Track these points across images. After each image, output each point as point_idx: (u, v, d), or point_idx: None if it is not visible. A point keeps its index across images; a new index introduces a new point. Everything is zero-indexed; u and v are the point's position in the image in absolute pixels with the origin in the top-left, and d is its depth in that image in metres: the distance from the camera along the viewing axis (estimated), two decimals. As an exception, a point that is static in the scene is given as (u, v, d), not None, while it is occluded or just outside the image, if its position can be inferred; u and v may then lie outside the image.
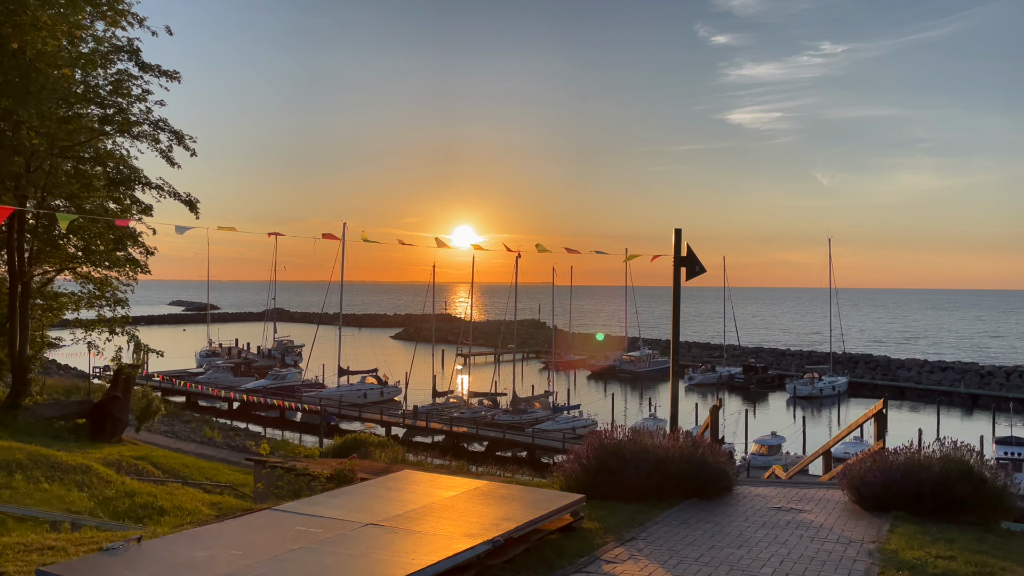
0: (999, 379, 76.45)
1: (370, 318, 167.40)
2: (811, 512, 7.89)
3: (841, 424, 61.22)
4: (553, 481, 8.98)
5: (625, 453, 8.43)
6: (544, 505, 6.39)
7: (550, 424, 50.41)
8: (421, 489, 6.87)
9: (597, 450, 8.59)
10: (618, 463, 8.35)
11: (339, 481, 10.94)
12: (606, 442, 8.64)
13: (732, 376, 79.95)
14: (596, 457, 8.53)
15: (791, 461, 44.55)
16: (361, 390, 63.49)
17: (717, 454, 8.78)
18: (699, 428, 11.20)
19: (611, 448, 8.54)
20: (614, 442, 8.65)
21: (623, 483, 8.26)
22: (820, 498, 8.70)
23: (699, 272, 9.45)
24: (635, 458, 8.35)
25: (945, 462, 7.83)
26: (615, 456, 8.42)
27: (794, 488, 9.40)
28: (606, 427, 34.32)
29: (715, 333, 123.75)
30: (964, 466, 7.76)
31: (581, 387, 78.95)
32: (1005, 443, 40.76)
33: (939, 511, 7.64)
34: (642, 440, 8.72)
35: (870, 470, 7.93)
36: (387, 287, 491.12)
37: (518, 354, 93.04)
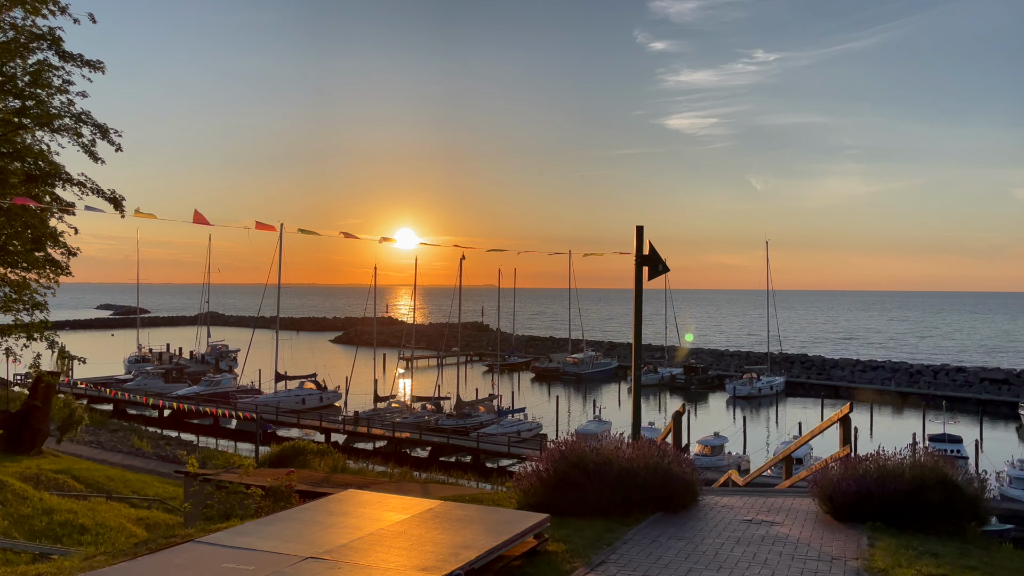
0: (927, 377, 79.13)
1: (309, 321, 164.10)
2: (784, 524, 7.47)
3: (779, 423, 62.34)
4: (510, 496, 8.36)
5: (588, 464, 7.88)
6: (506, 528, 5.77)
7: (495, 428, 49.82)
8: (367, 512, 6.17)
9: (558, 462, 8.01)
10: (580, 476, 7.79)
11: (275, 498, 10.11)
12: (567, 453, 8.08)
13: (673, 377, 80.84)
14: (556, 470, 7.95)
15: (733, 461, 44.96)
16: (299, 396, 61.78)
17: (683, 464, 8.31)
18: (660, 434, 10.75)
19: (573, 459, 7.98)
20: (576, 453, 8.09)
21: (586, 497, 7.71)
22: (789, 508, 8.31)
23: (662, 271, 8.99)
24: (598, 470, 7.81)
25: (918, 469, 7.51)
26: (577, 468, 7.86)
27: (760, 497, 9.00)
28: (567, 436, 33.63)
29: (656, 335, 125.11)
30: (938, 473, 7.45)
31: (526, 390, 78.60)
32: (938, 440, 41.94)
33: (913, 520, 7.31)
34: (605, 450, 8.18)
35: (844, 479, 7.56)
36: (327, 290, 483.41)
37: (462, 357, 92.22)
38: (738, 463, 45.06)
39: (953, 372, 79.50)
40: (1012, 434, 59.56)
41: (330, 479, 21.57)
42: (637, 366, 9.12)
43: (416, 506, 6.43)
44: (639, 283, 9.07)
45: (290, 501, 10.00)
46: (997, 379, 75.86)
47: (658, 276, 9.01)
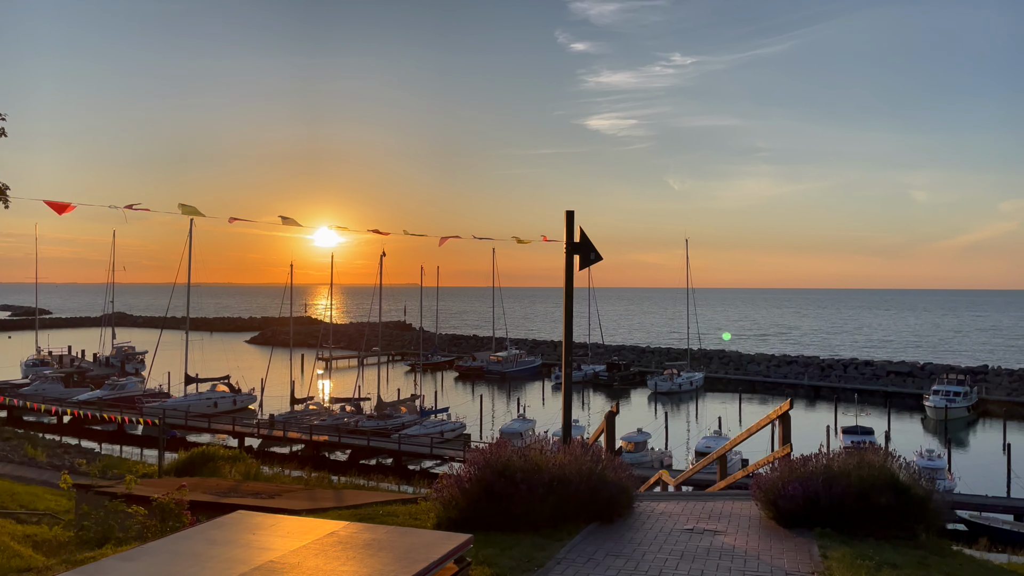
0: (838, 371, 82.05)
1: (223, 322, 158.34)
2: (728, 533, 6.87)
3: (699, 418, 63.35)
4: (428, 510, 7.49)
5: (515, 473, 7.09)
6: (422, 554, 4.92)
7: (417, 429, 48.66)
8: (257, 540, 5.20)
9: (481, 470, 7.20)
10: (507, 485, 7.00)
11: (162, 516, 8.94)
12: (492, 460, 7.27)
13: (596, 374, 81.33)
14: (480, 479, 7.14)
15: (656, 457, 45.21)
16: (211, 399, 59.06)
17: (617, 468, 7.62)
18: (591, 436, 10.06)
19: (498, 467, 7.18)
20: (501, 459, 7.29)
21: (513, 510, 6.92)
22: (730, 513, 7.73)
23: (594, 260, 8.30)
24: (527, 478, 7.03)
25: (865, 469, 7.03)
26: (503, 477, 7.07)
27: (698, 501, 8.41)
28: (492, 437, 32.44)
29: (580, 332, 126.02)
30: (886, 474, 6.99)
31: (449, 389, 77.55)
32: (851, 432, 43.13)
33: (862, 524, 6.83)
34: (534, 456, 7.42)
35: (789, 482, 7.01)
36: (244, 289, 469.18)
37: (383, 357, 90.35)
38: (661, 459, 45.34)
39: (862, 366, 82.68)
40: (917, 425, 62.17)
41: (239, 488, 20.15)
42: (568, 362, 8.39)
43: (316, 529, 5.50)
44: (569, 272, 8.36)
45: (180, 519, 8.87)
46: (902, 372, 79.27)
47: (590, 265, 8.32)
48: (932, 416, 62.12)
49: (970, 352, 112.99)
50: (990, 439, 56.32)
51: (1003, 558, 23.18)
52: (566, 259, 8.29)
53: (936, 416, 61.45)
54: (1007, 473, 40.71)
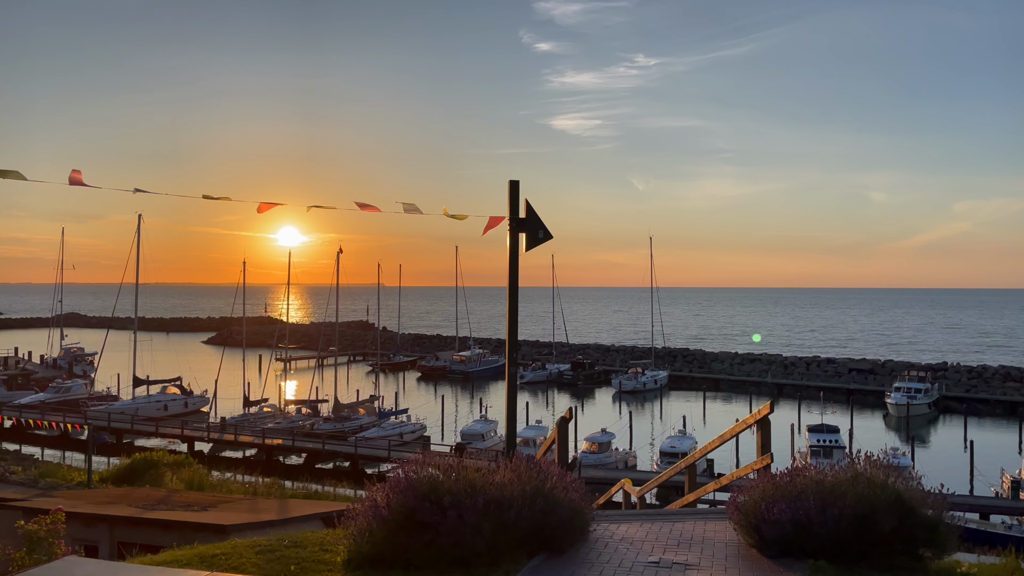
0: (800, 369, 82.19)
1: (180, 322, 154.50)
2: (700, 567, 5.67)
3: (663, 417, 62.67)
4: (338, 543, 6.15)
5: (443, 495, 5.81)
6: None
7: (375, 431, 47.09)
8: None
9: (403, 493, 5.90)
10: (434, 512, 5.70)
11: (30, 547, 7.49)
12: (416, 481, 5.97)
13: (561, 373, 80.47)
14: (401, 504, 5.83)
15: (620, 458, 44.24)
16: (161, 401, 56.77)
17: (570, 487, 6.36)
18: (541, 447, 8.79)
19: (423, 490, 5.88)
20: (428, 480, 5.99)
21: (441, 541, 5.64)
22: (703, 539, 6.54)
23: (543, 238, 7.06)
24: (458, 502, 5.74)
25: (864, 486, 5.88)
26: (429, 502, 5.77)
27: (664, 522, 7.20)
28: (456, 440, 30.43)
29: (544, 331, 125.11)
30: (889, 492, 5.85)
31: (411, 389, 75.96)
32: (817, 431, 42.62)
33: (860, 554, 5.68)
34: (468, 474, 6.13)
35: (775, 503, 5.82)
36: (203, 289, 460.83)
37: (343, 357, 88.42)
38: (625, 459, 44.39)
39: (824, 364, 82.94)
40: (879, 422, 62.28)
41: (171, 498, 18.49)
42: (512, 359, 7.10)
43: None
44: (514, 254, 7.09)
45: (51, 551, 7.42)
46: (864, 369, 79.64)
47: (538, 244, 7.08)
48: (894, 413, 62.27)
49: (929, 350, 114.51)
50: (951, 436, 56.54)
51: (972, 558, 22.61)
52: (510, 238, 7.04)
53: (898, 413, 61.59)
54: (970, 471, 40.54)
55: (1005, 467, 40.93)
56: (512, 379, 7.16)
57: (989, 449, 46.55)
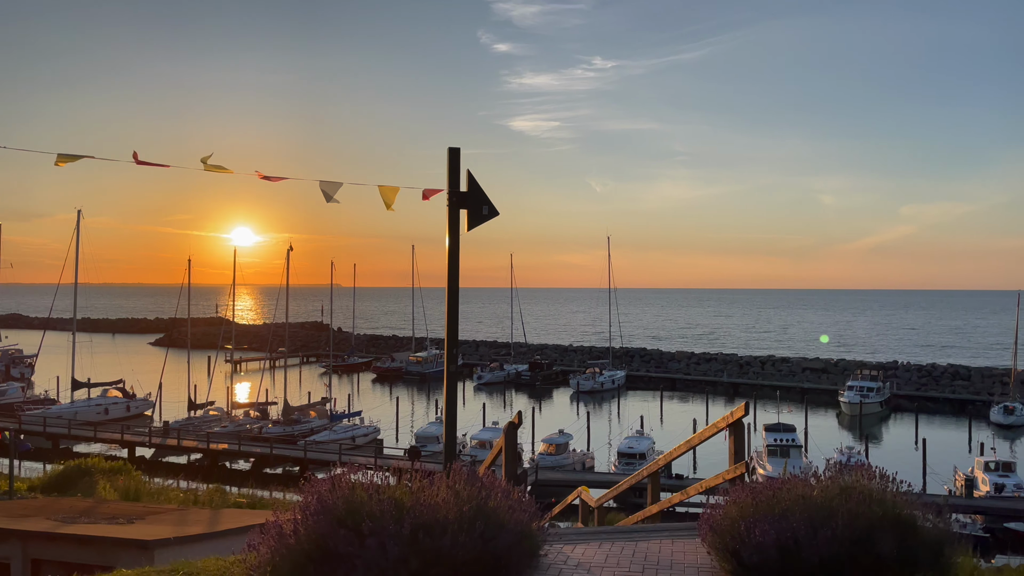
0: (755, 368, 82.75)
1: (126, 323, 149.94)
2: (671, 602, 4.78)
3: (621, 417, 62.29)
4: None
5: (362, 519, 4.81)
6: None
7: (326, 435, 45.66)
8: None
9: (315, 517, 4.88)
10: (350, 540, 4.70)
11: None
12: (331, 502, 4.96)
13: (519, 373, 79.76)
14: (312, 531, 4.82)
15: (578, 459, 43.53)
16: (102, 405, 54.44)
17: (517, 505, 5.41)
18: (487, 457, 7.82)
19: (339, 513, 4.87)
20: (347, 502, 4.98)
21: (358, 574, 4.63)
22: (670, 562, 5.65)
23: (488, 215, 6.07)
24: (380, 528, 4.75)
25: (855, 503, 5.04)
26: (345, 527, 4.77)
27: (626, 541, 6.30)
28: (411, 442, 28.95)
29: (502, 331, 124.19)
30: (887, 509, 5.02)
31: (366, 391, 74.44)
32: (774, 430, 42.46)
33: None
34: (395, 493, 5.14)
35: (756, 522, 4.95)
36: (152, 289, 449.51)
37: (295, 359, 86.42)
38: (583, 460, 43.72)
39: (779, 362, 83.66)
40: (833, 420, 62.80)
41: (95, 510, 17.03)
42: (451, 358, 6.09)
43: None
44: (454, 233, 6.09)
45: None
46: (817, 368, 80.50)
47: (483, 221, 6.10)
48: (847, 411, 62.87)
49: (880, 349, 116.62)
50: (903, 434, 57.20)
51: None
52: (449, 215, 6.02)
53: (851, 411, 62.19)
54: (923, 469, 40.74)
55: (957, 465, 41.31)
56: (451, 379, 6.18)
57: (940, 447, 47.07)
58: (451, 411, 6.27)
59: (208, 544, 13.27)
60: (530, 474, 36.96)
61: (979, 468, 38.22)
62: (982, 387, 70.11)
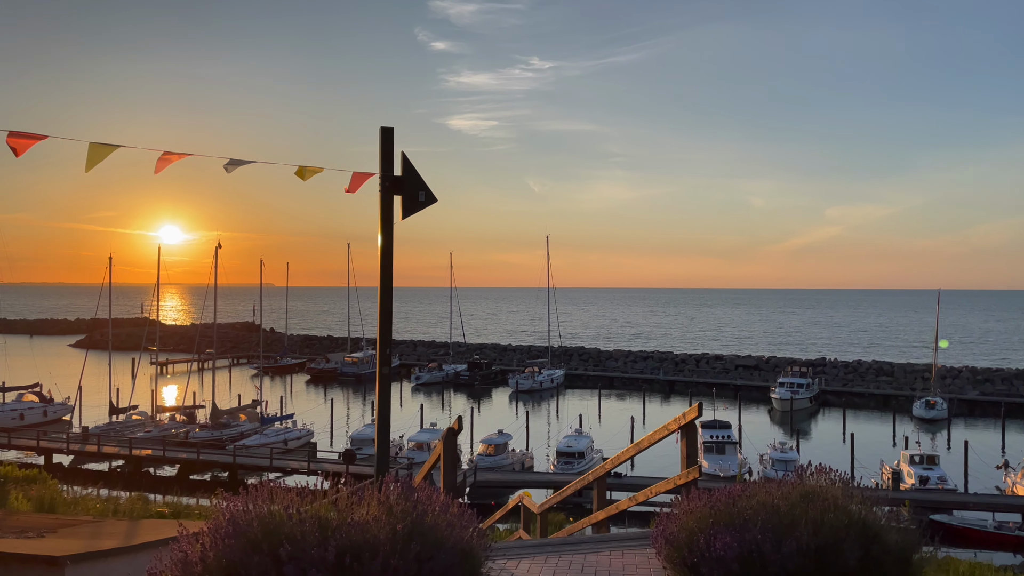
0: (690, 366, 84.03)
1: (45, 324, 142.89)
2: (627, 625, 4.35)
3: (560, 416, 62.29)
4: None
5: (280, 543, 4.22)
6: None
7: (257, 438, 44.14)
8: None
9: (225, 541, 4.27)
10: (265, 567, 4.12)
11: None
12: (244, 524, 4.35)
13: (458, 374, 79.09)
14: (222, 557, 4.21)
15: (517, 459, 43.18)
16: (17, 410, 51.61)
17: (456, 522, 4.89)
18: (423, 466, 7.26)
19: (254, 535, 4.28)
20: (262, 520, 4.39)
21: (275, 607, 4.05)
22: (621, 574, 5.23)
23: (426, 202, 5.51)
24: (300, 553, 4.18)
25: (818, 510, 4.71)
26: (260, 553, 4.18)
27: (573, 554, 5.87)
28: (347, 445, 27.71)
29: (441, 331, 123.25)
30: (852, 516, 4.71)
31: (299, 393, 72.58)
32: (710, 427, 42.91)
33: (820, 595, 4.51)
34: (319, 511, 4.56)
35: (717, 534, 4.56)
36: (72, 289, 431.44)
37: (224, 360, 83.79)
38: (522, 460, 43.41)
39: (712, 360, 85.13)
40: (765, 416, 64.11)
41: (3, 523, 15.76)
42: (384, 359, 5.51)
43: None
44: (387, 221, 5.50)
45: None
46: (749, 366, 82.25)
47: (419, 209, 5.54)
48: (778, 407, 64.28)
49: (809, 346, 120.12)
50: (832, 429, 58.75)
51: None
52: (381, 201, 5.43)
53: (782, 407, 63.61)
54: (851, 462, 41.76)
55: (884, 458, 42.54)
56: (385, 381, 5.62)
57: (867, 441, 48.37)
58: (384, 417, 5.71)
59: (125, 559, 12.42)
60: (469, 476, 36.42)
61: (904, 462, 39.38)
62: (905, 382, 72.72)
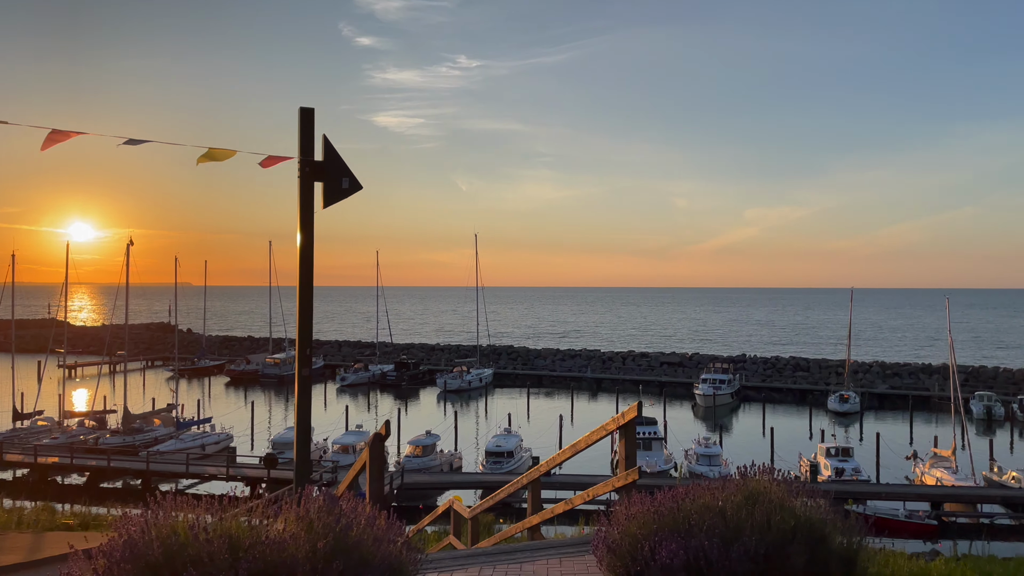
0: (617, 364, 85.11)
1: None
2: (569, 642, 4.07)
3: (489, 415, 62.07)
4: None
5: (184, 567, 3.76)
6: None
7: (172, 444, 42.29)
8: None
9: (122, 566, 3.79)
10: (167, 595, 3.65)
11: None
12: (140, 541, 3.88)
13: (384, 374, 77.92)
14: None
15: (445, 460, 42.67)
16: (-94, 419, 47.92)
17: (386, 533, 4.51)
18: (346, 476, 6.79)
19: (155, 557, 3.81)
20: (165, 541, 3.92)
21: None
22: (561, 587, 4.95)
23: (349, 190, 5.09)
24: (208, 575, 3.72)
25: (763, 513, 4.53)
26: (162, 575, 3.71)
27: (509, 563, 5.56)
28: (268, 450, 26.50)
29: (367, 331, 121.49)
30: (798, 517, 4.55)
31: (217, 396, 70.09)
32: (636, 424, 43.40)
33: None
34: (229, 527, 4.11)
35: (662, 540, 4.33)
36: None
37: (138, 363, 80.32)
38: (451, 461, 42.94)
39: (638, 357, 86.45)
40: (689, 412, 65.41)
41: None
42: (304, 359, 5.04)
43: None
44: (307, 209, 5.06)
45: None
46: (674, 363, 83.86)
47: (343, 197, 5.11)
48: (701, 403, 65.71)
49: (730, 343, 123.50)
50: (752, 423, 60.36)
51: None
52: (300, 189, 4.96)
53: (705, 403, 65.06)
54: (771, 455, 42.92)
55: (802, 451, 43.90)
56: (304, 384, 5.16)
57: (786, 434, 49.84)
58: (304, 422, 5.26)
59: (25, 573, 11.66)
60: (396, 478, 35.75)
61: (821, 454, 40.70)
62: (820, 377, 75.46)
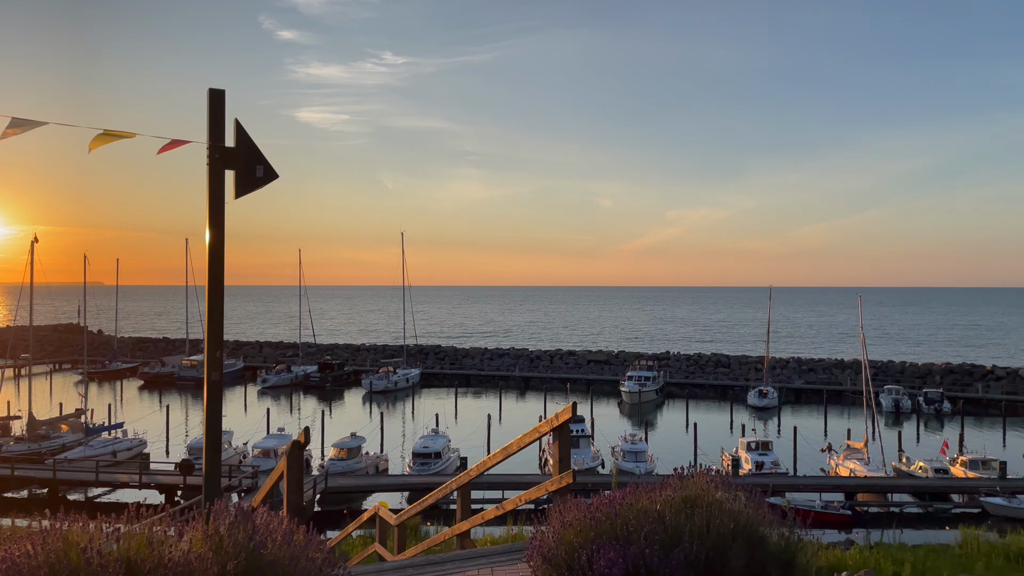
0: (545, 362, 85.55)
1: None
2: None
3: (416, 416, 61.39)
4: None
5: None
6: None
7: (81, 451, 40.17)
8: None
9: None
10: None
11: None
12: (25, 566, 3.44)
13: (308, 375, 76.14)
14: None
15: (371, 462, 41.91)
16: None
17: (301, 551, 4.17)
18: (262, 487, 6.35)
19: None
20: (50, 564, 3.49)
21: None
22: (494, 599, 4.70)
23: (264, 179, 4.68)
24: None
25: (703, 517, 4.40)
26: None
27: (439, 573, 5.28)
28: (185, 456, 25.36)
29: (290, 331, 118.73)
30: (736, 520, 4.43)
31: (130, 400, 67.12)
32: (565, 422, 43.60)
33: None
34: (129, 548, 3.71)
35: (600, 548, 4.13)
36: None
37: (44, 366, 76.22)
38: (376, 464, 42.20)
39: (566, 356, 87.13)
40: (615, 409, 66.26)
41: None
42: (214, 362, 4.63)
43: None
44: (216, 200, 4.63)
45: None
46: (600, 360, 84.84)
47: (258, 187, 4.71)
48: (627, 400, 66.67)
49: (655, 340, 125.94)
50: (676, 419, 61.61)
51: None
52: (210, 178, 4.53)
53: (631, 400, 66.03)
54: (694, 450, 43.84)
55: (724, 446, 45.00)
56: (215, 389, 4.74)
57: (708, 429, 51.02)
58: (214, 430, 4.85)
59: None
60: (320, 482, 34.84)
61: (742, 448, 41.79)
62: (740, 373, 77.65)
